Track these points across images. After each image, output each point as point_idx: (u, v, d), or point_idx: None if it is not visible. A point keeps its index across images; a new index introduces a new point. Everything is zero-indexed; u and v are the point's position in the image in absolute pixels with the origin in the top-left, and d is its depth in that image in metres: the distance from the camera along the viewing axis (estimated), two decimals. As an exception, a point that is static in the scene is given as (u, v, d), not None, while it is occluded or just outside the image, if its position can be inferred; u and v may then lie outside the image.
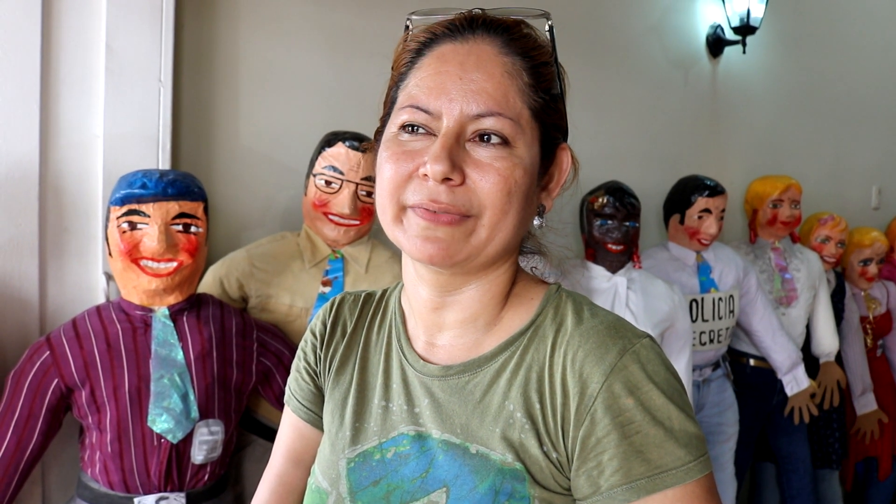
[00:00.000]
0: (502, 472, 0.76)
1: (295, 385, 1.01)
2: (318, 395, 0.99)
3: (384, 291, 0.99)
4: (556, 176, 0.86)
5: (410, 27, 0.85)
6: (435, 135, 0.77)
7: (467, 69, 0.77)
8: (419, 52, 0.82)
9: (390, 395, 0.87)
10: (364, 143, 1.91)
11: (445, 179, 0.74)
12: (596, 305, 0.84)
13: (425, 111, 0.77)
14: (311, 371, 0.98)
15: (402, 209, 0.78)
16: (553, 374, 0.78)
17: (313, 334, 0.99)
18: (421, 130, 0.78)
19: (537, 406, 0.77)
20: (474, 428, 0.80)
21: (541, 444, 0.76)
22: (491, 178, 0.75)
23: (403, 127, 0.79)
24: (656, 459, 0.71)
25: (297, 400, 1.00)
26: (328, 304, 1.00)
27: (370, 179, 1.88)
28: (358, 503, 0.84)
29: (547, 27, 0.83)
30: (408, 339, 0.90)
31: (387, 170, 0.78)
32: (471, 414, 0.80)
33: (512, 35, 0.80)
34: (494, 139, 0.76)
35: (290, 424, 1.01)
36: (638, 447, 0.71)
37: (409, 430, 0.84)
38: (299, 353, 1.01)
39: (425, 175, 0.75)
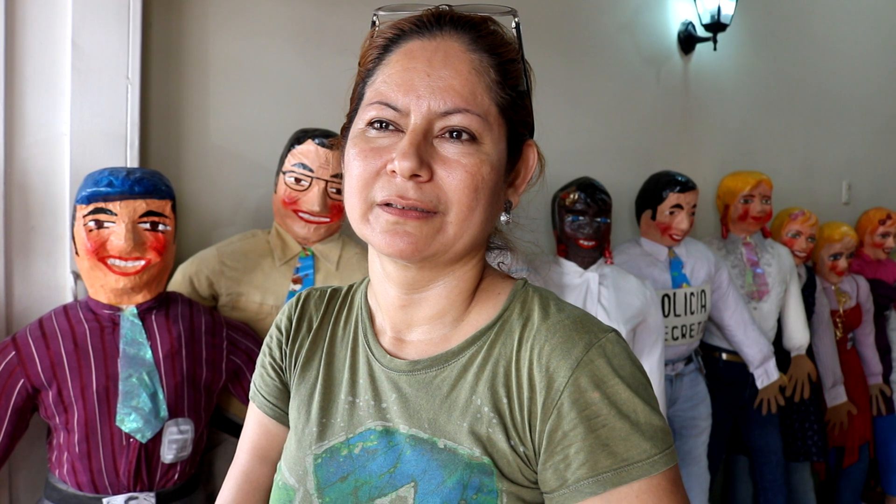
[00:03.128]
0: (470, 466, 0.77)
1: (260, 381, 1.00)
2: (284, 391, 0.98)
3: (350, 287, 0.99)
4: (523, 172, 0.86)
5: (377, 23, 0.84)
6: (402, 131, 0.77)
7: (435, 66, 0.77)
8: (386, 48, 0.81)
9: (357, 391, 0.88)
10: (331, 140, 1.90)
11: (413, 176, 0.75)
12: (562, 301, 0.85)
13: (393, 107, 0.77)
14: (276, 367, 0.98)
15: (370, 206, 0.78)
16: (520, 368, 0.78)
17: (279, 329, 0.98)
18: (390, 127, 0.78)
19: (504, 400, 0.78)
20: (442, 423, 0.80)
21: (508, 438, 0.77)
22: (458, 174, 0.76)
23: (371, 123, 0.79)
24: (622, 452, 0.72)
25: (263, 396, 0.99)
26: (293, 299, 1.00)
27: (340, 177, 1.88)
28: (325, 499, 0.83)
29: (514, 24, 0.83)
30: (374, 334, 0.90)
31: (355, 167, 0.78)
32: (438, 409, 0.81)
33: (479, 32, 0.80)
34: (462, 136, 0.76)
35: (255, 421, 1.01)
36: (604, 440, 0.72)
37: (376, 426, 0.84)
38: (264, 348, 1.00)
39: (393, 171, 0.75)
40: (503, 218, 0.85)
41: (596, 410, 0.73)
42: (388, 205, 0.76)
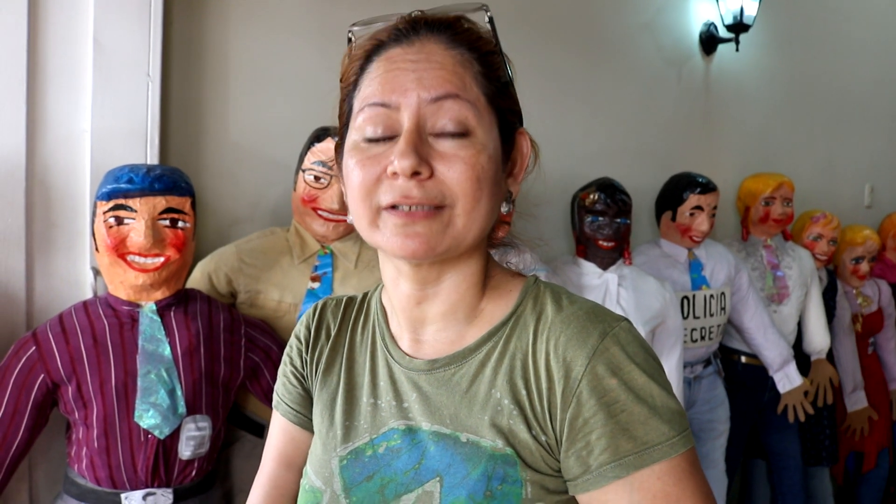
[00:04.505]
0: (494, 457, 0.79)
1: (283, 389, 1.02)
2: (307, 398, 1.00)
3: (365, 294, 1.01)
4: (519, 161, 0.87)
5: (353, 39, 0.87)
6: (396, 136, 0.78)
7: (420, 64, 0.79)
8: (367, 59, 0.83)
9: (378, 393, 0.89)
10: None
11: (414, 174, 0.75)
12: (573, 294, 0.86)
13: (383, 105, 0.78)
14: (298, 375, 1.00)
15: (376, 212, 0.79)
16: (537, 360, 0.80)
17: (298, 339, 1.01)
18: (385, 136, 0.78)
19: (524, 392, 0.80)
20: (463, 417, 0.82)
21: (529, 428, 0.79)
22: (458, 167, 0.77)
23: (365, 133, 0.79)
24: (642, 436, 0.73)
25: (286, 404, 1.01)
26: (310, 309, 1.02)
27: None
28: (353, 499, 0.85)
29: (487, 18, 0.85)
30: (392, 337, 0.92)
31: (356, 176, 0.79)
32: (458, 404, 0.83)
33: (455, 31, 0.82)
34: (458, 128, 0.77)
35: (279, 428, 1.03)
36: (624, 425, 0.74)
37: (399, 425, 0.86)
38: (285, 358, 1.03)
39: (394, 173, 0.76)
40: (504, 208, 0.86)
41: (615, 396, 0.74)
42: (394, 207, 0.77)
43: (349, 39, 0.87)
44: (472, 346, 0.84)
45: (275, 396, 1.04)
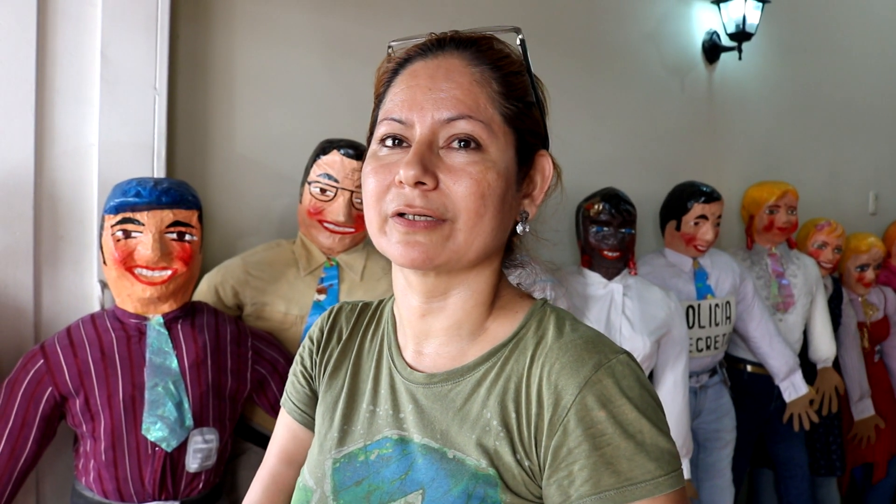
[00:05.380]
0: (476, 476, 0.79)
1: (291, 388, 1.04)
2: (313, 398, 1.02)
3: (380, 302, 1.03)
4: (539, 182, 0.88)
5: (392, 53, 0.89)
6: (410, 146, 0.80)
7: (437, 80, 0.81)
8: (395, 73, 0.86)
9: (378, 400, 0.91)
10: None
11: (418, 184, 0.77)
12: (579, 321, 0.86)
13: (399, 121, 0.81)
14: (306, 374, 1.02)
15: (384, 219, 0.81)
16: (530, 384, 0.80)
17: (311, 339, 1.03)
18: (402, 144, 0.81)
19: (513, 415, 0.80)
20: (453, 434, 0.82)
21: (514, 451, 0.79)
22: (464, 181, 0.78)
23: (382, 141, 0.83)
24: (626, 472, 0.72)
25: (293, 402, 1.03)
26: (327, 311, 1.04)
27: None
28: (340, 501, 0.87)
29: (518, 40, 0.86)
30: (398, 347, 0.93)
31: (370, 183, 0.82)
32: (451, 420, 0.83)
33: (480, 48, 0.84)
34: (470, 144, 0.79)
35: (284, 425, 1.05)
36: (608, 459, 0.73)
37: (392, 434, 0.87)
38: (297, 357, 1.05)
39: (401, 182, 0.78)
40: (519, 228, 0.86)
41: (601, 429, 0.74)
42: (400, 215, 0.79)
43: (389, 54, 0.89)
44: (471, 364, 0.85)
45: (284, 394, 1.06)
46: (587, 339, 0.80)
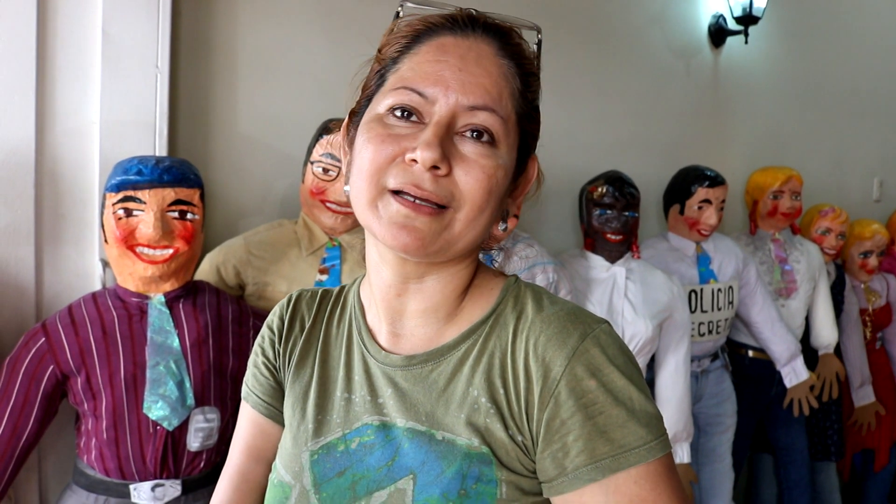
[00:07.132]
0: (469, 456, 0.78)
1: (253, 381, 1.00)
2: (278, 390, 0.98)
3: (341, 287, 1.00)
4: (522, 184, 0.88)
5: (401, 13, 0.85)
6: (424, 122, 0.77)
7: (467, 62, 0.78)
8: (415, 39, 0.82)
9: (352, 387, 0.89)
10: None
11: (433, 168, 0.75)
12: (554, 295, 0.86)
13: (419, 93, 0.77)
14: (269, 366, 0.98)
15: (380, 192, 0.77)
16: (516, 359, 0.79)
17: (270, 330, 0.99)
18: (413, 117, 0.78)
19: (501, 391, 0.79)
20: (440, 416, 0.81)
21: (506, 427, 0.78)
22: (476, 174, 0.76)
23: (393, 110, 0.79)
24: (619, 439, 0.73)
25: (257, 395, 0.99)
26: (284, 300, 1.00)
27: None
28: (323, 494, 0.84)
29: (536, 40, 0.85)
30: (369, 331, 0.91)
31: (369, 150, 0.77)
32: (435, 402, 0.82)
33: (507, 40, 0.82)
34: (483, 136, 0.77)
35: (249, 420, 1.00)
36: (602, 427, 0.73)
37: (372, 420, 0.85)
38: (256, 349, 1.00)
39: (413, 160, 0.75)
40: (501, 226, 0.86)
41: (593, 398, 0.74)
42: (399, 193, 0.76)
43: (397, 14, 0.85)
44: (451, 343, 0.84)
45: (244, 388, 1.01)
46: (568, 310, 0.81)
